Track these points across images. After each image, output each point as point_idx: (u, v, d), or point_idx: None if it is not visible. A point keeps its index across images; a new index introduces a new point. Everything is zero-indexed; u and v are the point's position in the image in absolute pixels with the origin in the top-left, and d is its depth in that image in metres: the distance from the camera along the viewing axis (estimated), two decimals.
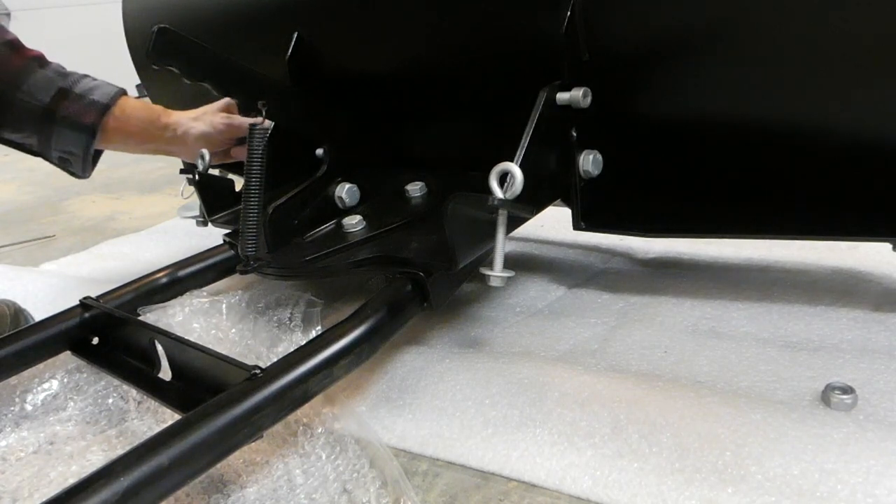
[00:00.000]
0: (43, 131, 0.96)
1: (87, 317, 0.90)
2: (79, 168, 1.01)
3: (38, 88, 0.95)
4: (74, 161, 1.00)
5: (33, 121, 0.95)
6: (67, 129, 0.96)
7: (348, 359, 0.72)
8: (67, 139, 0.97)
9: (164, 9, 1.41)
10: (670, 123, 0.83)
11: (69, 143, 0.97)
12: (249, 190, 0.91)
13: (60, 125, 0.96)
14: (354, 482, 0.67)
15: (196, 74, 0.90)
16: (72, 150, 0.99)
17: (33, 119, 0.95)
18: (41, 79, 0.96)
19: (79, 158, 0.99)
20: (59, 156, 1.00)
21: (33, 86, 0.95)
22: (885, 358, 0.75)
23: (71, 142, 0.97)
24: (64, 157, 1.01)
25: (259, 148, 0.90)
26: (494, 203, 0.73)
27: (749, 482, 0.60)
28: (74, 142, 0.97)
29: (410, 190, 1.03)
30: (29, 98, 0.94)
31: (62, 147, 0.98)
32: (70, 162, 1.01)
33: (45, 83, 0.96)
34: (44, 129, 0.96)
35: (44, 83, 0.96)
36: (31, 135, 0.97)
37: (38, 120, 0.95)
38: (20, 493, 0.71)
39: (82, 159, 0.99)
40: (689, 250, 1.14)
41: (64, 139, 0.97)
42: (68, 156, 1.00)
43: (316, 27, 1.09)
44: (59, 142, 0.97)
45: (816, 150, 0.76)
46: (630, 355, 0.83)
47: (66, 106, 0.96)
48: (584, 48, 0.82)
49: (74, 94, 0.97)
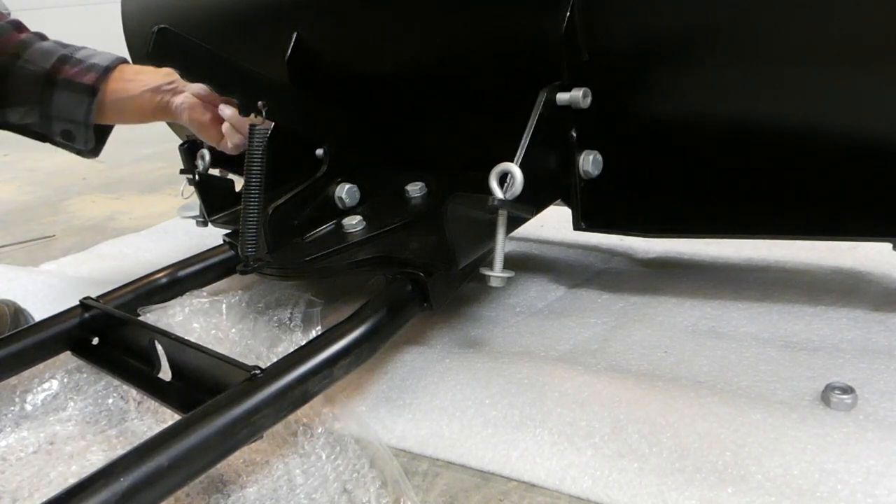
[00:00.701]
0: (43, 98, 0.95)
1: (87, 317, 0.90)
2: (82, 139, 1.00)
3: (39, 56, 0.95)
4: (77, 132, 0.99)
5: (34, 88, 0.95)
6: (67, 92, 0.96)
7: (348, 359, 0.72)
8: (68, 103, 0.96)
9: (164, 9, 1.41)
10: (670, 123, 0.83)
11: (70, 107, 0.96)
12: (249, 190, 0.91)
13: (60, 89, 0.95)
14: (354, 482, 0.67)
15: (196, 74, 0.90)
16: (73, 115, 0.97)
17: (34, 86, 0.95)
18: (42, 48, 0.96)
19: (81, 126, 0.98)
20: (62, 128, 0.99)
21: (34, 54, 0.95)
22: (885, 358, 0.75)
23: (71, 105, 0.96)
24: (66, 129, 0.99)
25: (259, 148, 0.90)
26: (494, 203, 0.73)
27: (749, 482, 0.60)
28: (75, 105, 0.96)
29: (410, 190, 1.03)
30: (29, 65, 0.94)
31: (63, 113, 0.97)
32: (72, 134, 1.00)
33: (45, 51, 0.96)
34: (44, 94, 0.95)
35: (44, 52, 0.96)
36: (32, 106, 0.97)
37: (39, 86, 0.95)
38: (20, 493, 0.71)
39: (84, 126, 0.98)
40: (689, 250, 1.14)
41: (64, 104, 0.96)
42: (70, 125, 0.98)
43: (316, 27, 1.09)
44: (60, 108, 0.96)
45: (816, 150, 0.75)
46: (630, 355, 0.83)
47: (67, 70, 0.95)
48: (584, 48, 0.82)
49: (75, 59, 0.97)
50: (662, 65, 0.81)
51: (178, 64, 0.87)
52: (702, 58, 0.78)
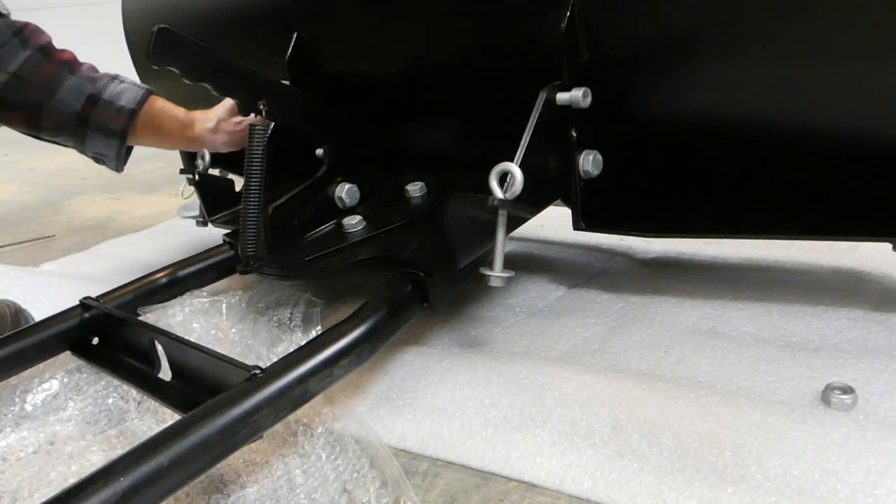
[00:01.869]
0: (77, 135, 1.02)
1: (87, 317, 0.90)
2: (113, 165, 1.08)
3: (69, 96, 1.00)
4: (108, 160, 1.07)
5: (67, 127, 1.01)
6: (99, 135, 1.02)
7: (348, 359, 0.72)
8: (100, 144, 1.03)
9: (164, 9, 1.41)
10: (670, 124, 0.83)
11: (102, 146, 1.04)
12: (249, 190, 0.91)
13: (92, 131, 1.02)
14: (354, 482, 0.67)
15: (196, 74, 0.90)
16: (105, 151, 1.05)
17: (67, 125, 1.01)
18: (72, 86, 1.01)
19: (112, 158, 1.06)
20: (94, 155, 1.07)
21: (65, 93, 1.00)
22: (885, 358, 0.75)
23: (103, 146, 1.04)
24: (98, 157, 1.07)
25: (259, 148, 0.90)
26: (494, 203, 0.73)
27: (749, 482, 0.60)
28: (107, 146, 1.04)
29: (410, 190, 1.03)
30: (62, 106, 1.00)
31: (96, 149, 1.05)
32: (104, 160, 1.08)
33: (75, 90, 1.01)
34: (77, 133, 1.02)
35: (74, 90, 1.01)
36: (67, 138, 1.04)
37: (72, 125, 1.01)
38: (20, 493, 0.71)
39: (115, 159, 1.06)
40: (689, 250, 1.14)
41: (97, 143, 1.03)
42: (102, 157, 1.07)
43: (316, 28, 1.09)
44: (93, 145, 1.04)
45: (816, 151, 0.75)
46: (630, 355, 0.83)
47: (97, 114, 1.01)
48: (584, 48, 0.82)
49: (103, 101, 1.02)
50: (662, 65, 0.81)
51: (178, 64, 0.87)
52: (702, 58, 0.78)
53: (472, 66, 0.97)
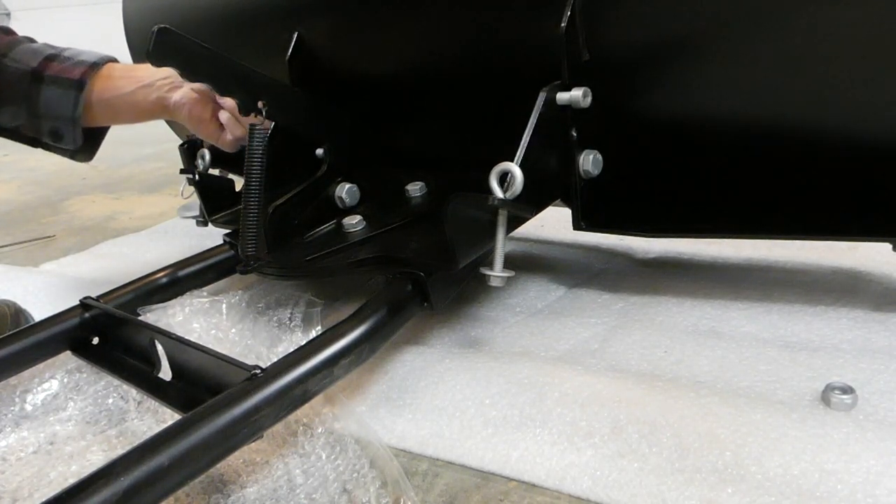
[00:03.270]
0: (30, 95, 0.94)
1: (87, 317, 0.90)
2: (70, 139, 0.98)
3: (26, 55, 0.95)
4: (65, 130, 0.97)
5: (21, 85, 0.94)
6: (54, 87, 0.94)
7: (348, 359, 0.72)
8: (55, 99, 0.95)
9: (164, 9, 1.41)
10: (670, 123, 0.83)
11: (57, 103, 0.95)
12: (249, 190, 0.91)
13: (48, 84, 0.94)
14: (354, 482, 0.67)
15: (196, 74, 0.90)
16: (61, 111, 0.96)
17: (21, 83, 0.94)
18: (30, 47, 0.96)
19: (69, 124, 0.96)
20: (50, 127, 0.97)
21: (20, 52, 0.95)
22: (885, 358, 0.75)
23: (59, 102, 0.95)
24: (55, 129, 0.97)
25: (259, 148, 0.90)
26: (494, 203, 0.73)
27: (749, 482, 0.60)
28: (63, 101, 0.95)
29: (410, 190, 1.03)
30: (16, 63, 0.94)
31: (51, 110, 0.96)
32: (61, 133, 0.98)
33: (33, 50, 0.96)
34: (31, 91, 0.94)
35: (32, 50, 0.96)
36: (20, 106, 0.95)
37: (26, 82, 0.94)
38: (20, 493, 0.71)
39: (72, 123, 0.96)
40: (689, 250, 1.14)
41: (52, 100, 0.95)
42: (58, 122, 0.97)
43: (317, 27, 1.09)
44: (48, 105, 0.95)
45: (816, 150, 0.76)
46: (630, 355, 0.83)
47: (54, 66, 0.95)
48: (584, 48, 0.82)
49: (62, 57, 0.96)
50: (663, 64, 0.81)
51: (178, 64, 0.87)
52: (702, 58, 0.78)
53: (471, 66, 0.97)
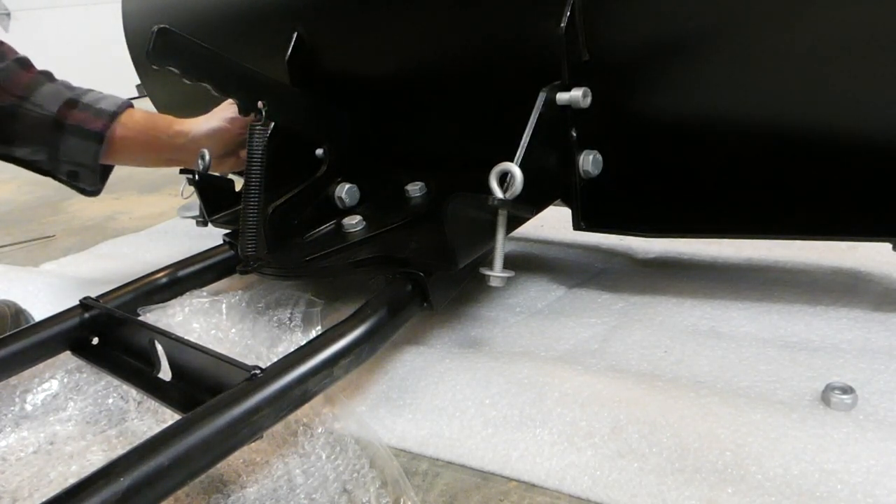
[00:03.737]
0: (52, 142, 0.96)
1: (87, 317, 0.90)
2: (88, 181, 1.01)
3: (46, 99, 0.96)
4: (84, 174, 1.00)
5: (42, 131, 0.95)
6: (76, 138, 0.97)
7: (348, 359, 0.72)
8: (76, 148, 0.97)
9: (164, 9, 1.41)
10: (670, 123, 0.83)
11: (78, 152, 0.97)
12: (249, 190, 0.91)
13: (69, 133, 0.96)
14: (354, 482, 0.67)
15: (196, 74, 0.90)
16: (80, 159, 0.99)
17: (42, 129, 0.95)
18: (49, 90, 0.97)
19: (88, 170, 0.99)
20: (69, 169, 1.00)
21: (41, 97, 0.96)
22: (885, 358, 0.75)
23: (80, 150, 0.97)
24: (73, 171, 1.01)
25: (259, 148, 0.90)
26: (494, 203, 0.73)
27: (749, 482, 0.60)
28: (83, 150, 0.97)
29: (410, 190, 1.03)
30: (38, 109, 0.95)
31: (71, 157, 0.98)
32: (79, 175, 1.01)
33: (53, 94, 0.96)
34: (52, 139, 0.96)
35: (52, 94, 0.96)
36: (40, 148, 0.98)
37: (47, 130, 0.95)
38: (20, 493, 0.71)
39: (91, 170, 0.99)
40: (689, 250, 1.14)
41: (72, 148, 0.97)
42: (77, 167, 1.00)
43: (316, 27, 1.09)
44: (68, 152, 0.97)
45: (816, 150, 0.76)
46: (630, 355, 0.83)
47: (75, 115, 0.96)
48: (584, 48, 0.82)
49: (82, 104, 0.98)
50: (662, 65, 0.81)
51: (178, 64, 0.87)
52: (702, 57, 0.78)
53: (471, 66, 0.97)
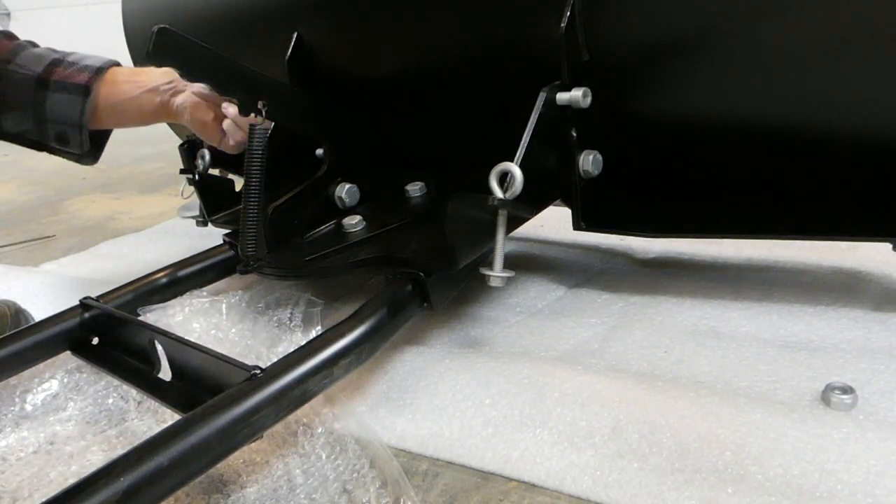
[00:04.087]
0: (37, 101, 0.95)
1: (87, 317, 0.90)
2: (76, 142, 0.98)
3: (30, 60, 0.95)
4: (72, 135, 0.98)
5: (27, 92, 0.95)
6: (61, 93, 0.95)
7: (348, 359, 0.72)
8: (62, 105, 0.96)
9: (164, 9, 1.41)
10: (670, 123, 0.83)
11: (64, 108, 0.96)
12: (249, 190, 0.91)
13: (54, 91, 0.95)
14: (354, 482, 0.67)
15: (196, 74, 0.90)
16: (67, 117, 0.97)
17: (27, 90, 0.95)
18: (34, 53, 0.97)
19: (76, 129, 0.97)
20: (56, 131, 0.98)
21: (25, 58, 0.95)
22: (885, 358, 0.75)
23: (65, 107, 0.96)
24: (61, 133, 0.98)
25: (259, 148, 0.90)
26: (494, 203, 0.73)
27: (749, 482, 0.60)
28: (69, 106, 0.96)
29: (410, 190, 1.03)
30: (21, 70, 0.94)
31: (57, 116, 0.97)
32: (67, 137, 0.99)
33: (37, 56, 0.96)
34: (37, 97, 0.95)
35: (36, 56, 0.96)
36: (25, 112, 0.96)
37: (32, 89, 0.95)
38: (20, 493, 0.71)
39: (79, 128, 0.97)
40: (689, 250, 1.14)
41: (58, 105, 0.96)
42: (65, 127, 0.98)
43: (316, 27, 1.09)
44: (54, 109, 0.96)
45: (816, 151, 0.76)
46: (630, 355, 0.83)
47: (59, 72, 0.95)
48: (584, 48, 0.82)
49: (67, 62, 0.97)
50: (662, 65, 0.81)
51: (178, 64, 0.87)
52: (702, 58, 0.78)
53: (471, 66, 0.97)
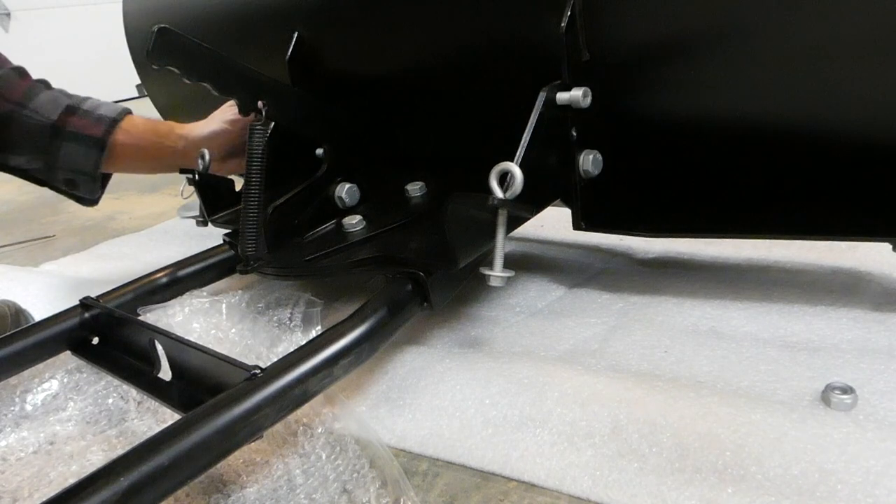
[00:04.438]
0: (50, 149, 0.95)
1: (87, 317, 0.90)
2: (87, 189, 1.00)
3: (44, 106, 0.95)
4: (83, 182, 0.99)
5: (40, 138, 0.94)
6: (76, 144, 0.95)
7: (348, 359, 0.72)
8: (76, 155, 0.96)
9: (164, 9, 1.41)
10: (670, 123, 0.83)
11: (78, 159, 0.96)
12: (249, 190, 0.91)
13: (68, 140, 0.95)
14: (354, 482, 0.67)
15: (196, 74, 0.90)
16: (80, 167, 0.97)
17: (41, 136, 0.94)
18: (48, 97, 0.96)
19: (87, 178, 0.98)
20: (66, 177, 0.99)
21: (40, 104, 0.95)
22: (885, 358, 0.75)
23: (80, 157, 0.96)
24: (71, 179, 0.99)
25: (259, 148, 0.90)
26: (494, 203, 0.73)
27: (749, 482, 0.60)
28: (83, 157, 0.96)
29: (410, 190, 1.03)
30: (36, 115, 0.94)
31: (70, 165, 0.97)
32: (77, 184, 1.00)
33: (51, 101, 0.96)
34: (51, 146, 0.95)
35: (50, 101, 0.95)
36: (37, 156, 0.96)
37: (46, 136, 0.94)
38: (20, 493, 0.71)
39: (91, 177, 0.98)
40: (689, 250, 1.14)
41: (72, 155, 0.96)
42: (76, 175, 0.99)
43: (317, 27, 1.09)
44: (67, 159, 0.96)
45: (816, 150, 0.76)
46: (630, 355, 0.83)
47: (74, 121, 0.95)
48: (584, 48, 0.82)
49: (82, 111, 0.97)
50: (663, 65, 0.81)
51: (178, 64, 0.87)
52: (702, 57, 0.78)
53: (471, 66, 0.97)
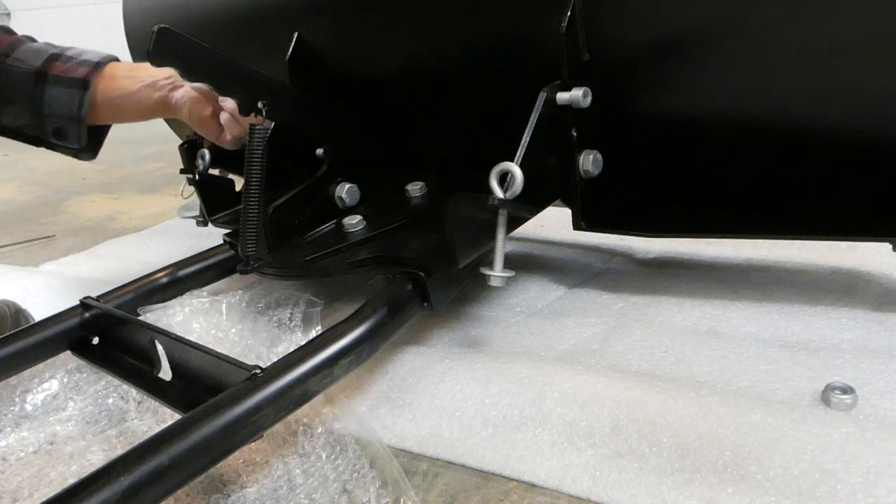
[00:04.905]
0: (35, 96, 0.95)
1: (87, 317, 0.90)
2: (74, 138, 0.98)
3: (28, 54, 0.95)
4: (70, 129, 0.98)
5: (25, 85, 0.94)
6: (59, 87, 0.95)
7: (348, 359, 0.72)
8: (60, 98, 0.95)
9: (165, 9, 1.41)
10: (671, 123, 0.83)
11: (62, 102, 0.96)
12: (249, 190, 0.91)
13: (52, 84, 0.95)
14: (354, 482, 0.67)
15: (196, 74, 0.90)
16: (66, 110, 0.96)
17: (25, 83, 0.94)
18: (32, 47, 0.96)
19: (73, 124, 0.97)
20: (55, 126, 0.98)
21: (23, 52, 0.95)
22: (885, 358, 0.75)
23: (64, 100, 0.95)
24: (59, 128, 0.98)
25: (259, 148, 0.90)
26: (494, 203, 0.73)
27: (749, 482, 0.60)
28: (68, 100, 0.95)
29: (410, 190, 1.03)
30: (20, 63, 0.94)
31: (55, 109, 0.96)
32: (65, 132, 0.99)
33: (36, 50, 0.96)
34: (36, 92, 0.95)
35: (35, 50, 0.96)
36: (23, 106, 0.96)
37: (30, 83, 0.94)
38: (20, 493, 0.71)
39: (77, 122, 0.96)
40: (689, 250, 1.14)
41: (56, 99, 0.95)
42: (63, 122, 0.97)
43: (317, 27, 1.09)
44: (52, 104, 0.96)
45: (816, 150, 0.76)
46: (630, 355, 0.83)
47: (57, 66, 0.95)
48: (584, 48, 0.82)
49: (66, 56, 0.97)
50: (663, 64, 0.81)
51: (178, 63, 0.87)
52: (702, 57, 0.78)
53: (471, 66, 0.97)
